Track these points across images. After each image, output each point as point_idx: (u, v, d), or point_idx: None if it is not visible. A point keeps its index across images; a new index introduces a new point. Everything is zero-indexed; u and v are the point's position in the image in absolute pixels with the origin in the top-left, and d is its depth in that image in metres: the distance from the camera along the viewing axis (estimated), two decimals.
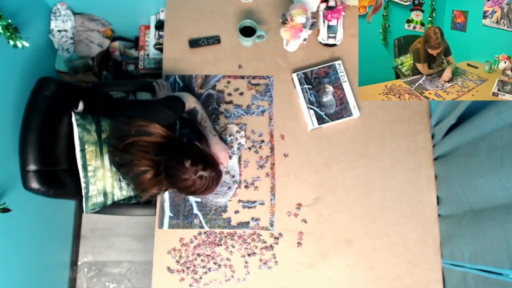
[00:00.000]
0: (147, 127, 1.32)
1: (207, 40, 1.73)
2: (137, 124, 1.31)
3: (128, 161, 1.33)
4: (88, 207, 1.48)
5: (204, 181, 1.27)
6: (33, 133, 1.40)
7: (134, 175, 1.34)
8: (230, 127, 1.65)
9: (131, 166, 1.32)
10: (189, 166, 1.24)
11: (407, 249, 1.55)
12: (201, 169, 1.25)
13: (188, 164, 1.24)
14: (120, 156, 1.36)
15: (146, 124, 1.32)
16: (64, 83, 1.55)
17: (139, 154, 1.30)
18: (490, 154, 1.18)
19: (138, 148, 1.30)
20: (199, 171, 1.25)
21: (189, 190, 1.30)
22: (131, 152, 1.31)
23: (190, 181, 1.26)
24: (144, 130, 1.31)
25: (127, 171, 1.35)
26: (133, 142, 1.30)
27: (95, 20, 2.17)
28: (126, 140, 1.31)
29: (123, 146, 1.32)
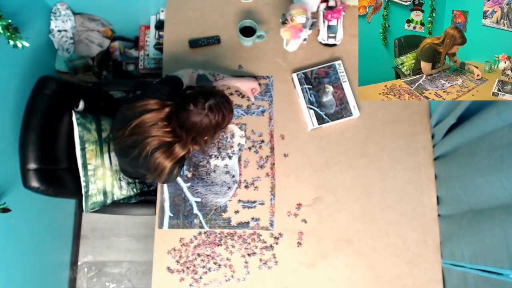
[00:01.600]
0: (149, 105, 1.32)
1: (207, 40, 1.73)
2: (138, 105, 1.32)
3: (140, 141, 1.32)
4: (88, 206, 1.49)
5: (216, 110, 1.25)
6: (33, 132, 1.40)
7: (147, 153, 1.32)
8: (230, 127, 1.65)
9: (143, 146, 1.31)
10: (193, 107, 1.24)
11: (407, 249, 1.55)
12: (204, 101, 1.24)
13: (191, 107, 1.24)
14: (129, 141, 1.34)
15: (147, 102, 1.32)
16: (64, 81, 1.55)
17: (149, 130, 1.30)
18: (490, 154, 1.18)
19: (146, 126, 1.30)
20: (204, 104, 1.24)
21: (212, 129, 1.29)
22: (139, 132, 1.31)
23: (206, 119, 1.25)
24: (146, 109, 1.31)
25: (139, 153, 1.33)
26: (139, 122, 1.30)
27: (95, 20, 2.17)
28: (130, 124, 1.31)
29: (129, 131, 1.32)
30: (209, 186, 1.60)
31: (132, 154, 1.35)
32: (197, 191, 1.59)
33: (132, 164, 1.43)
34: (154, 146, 1.31)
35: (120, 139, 1.37)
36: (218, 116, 1.27)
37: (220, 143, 1.63)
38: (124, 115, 1.37)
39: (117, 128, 1.40)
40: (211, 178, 1.60)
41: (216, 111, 1.26)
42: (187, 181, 1.60)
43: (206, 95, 1.27)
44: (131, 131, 1.32)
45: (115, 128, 1.43)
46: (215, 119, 1.27)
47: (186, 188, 1.60)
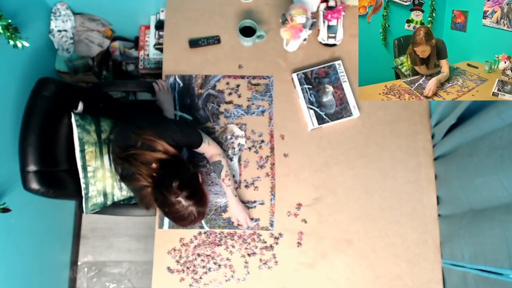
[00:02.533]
0: (154, 142, 1.29)
1: (207, 40, 1.73)
2: (145, 137, 1.29)
3: (130, 174, 1.32)
4: (88, 208, 1.49)
5: (181, 208, 1.22)
6: (33, 134, 1.40)
7: (135, 189, 1.35)
8: (230, 127, 1.65)
9: (132, 180, 1.32)
10: (175, 187, 1.21)
11: (407, 249, 1.55)
12: (184, 196, 1.22)
13: (175, 185, 1.21)
14: (122, 166, 1.35)
15: (154, 139, 1.29)
16: (63, 83, 1.55)
17: (140, 167, 1.29)
18: (490, 154, 1.18)
19: (141, 161, 1.29)
20: (180, 196, 1.21)
21: (164, 209, 1.26)
22: (132, 163, 1.30)
23: (168, 201, 1.22)
24: (150, 145, 1.29)
25: (128, 183, 1.36)
26: (137, 154, 1.29)
27: (95, 20, 2.17)
28: (129, 151, 1.30)
29: (125, 156, 1.31)
30: (209, 186, 1.60)
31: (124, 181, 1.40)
32: None
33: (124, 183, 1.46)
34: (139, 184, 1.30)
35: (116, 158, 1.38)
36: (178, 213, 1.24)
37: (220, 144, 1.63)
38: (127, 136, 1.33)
39: (115, 141, 1.40)
40: (211, 178, 1.60)
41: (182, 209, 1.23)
42: None
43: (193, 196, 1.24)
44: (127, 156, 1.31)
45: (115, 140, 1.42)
46: (174, 210, 1.24)
47: None
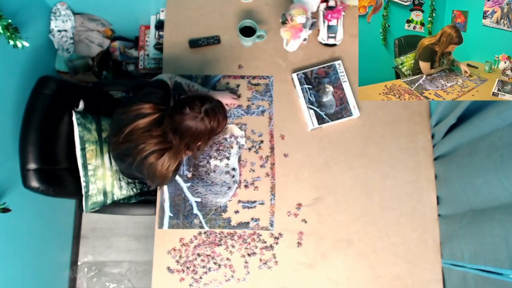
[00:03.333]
0: (143, 109, 1.32)
1: (207, 40, 1.73)
2: (133, 109, 1.32)
3: (132, 148, 1.32)
4: (88, 206, 1.49)
5: (211, 114, 1.25)
6: (33, 132, 1.40)
7: (141, 160, 1.32)
8: (230, 127, 1.65)
9: (136, 153, 1.31)
10: (189, 111, 1.23)
11: (407, 249, 1.55)
12: (200, 105, 1.24)
13: (187, 110, 1.23)
14: (124, 146, 1.35)
15: (141, 106, 1.32)
16: (64, 81, 1.55)
17: (142, 136, 1.30)
18: (490, 154, 1.18)
19: (139, 132, 1.30)
20: (201, 107, 1.24)
21: (207, 135, 1.28)
22: (132, 140, 1.31)
23: (201, 124, 1.24)
24: (140, 113, 1.31)
25: (133, 159, 1.33)
26: (132, 129, 1.30)
27: (95, 20, 2.17)
28: (124, 131, 1.31)
29: (123, 138, 1.32)
30: (209, 186, 1.60)
31: (127, 161, 1.37)
32: (197, 191, 1.59)
33: (128, 169, 1.43)
34: (146, 152, 1.30)
35: (115, 146, 1.38)
36: (214, 121, 1.27)
37: (220, 144, 1.63)
38: (118, 119, 1.37)
39: (112, 134, 1.41)
40: (211, 178, 1.60)
41: (212, 115, 1.26)
42: (187, 181, 1.60)
43: (202, 99, 1.27)
44: (125, 138, 1.32)
45: (111, 133, 1.44)
46: (210, 124, 1.26)
47: (186, 188, 1.60)
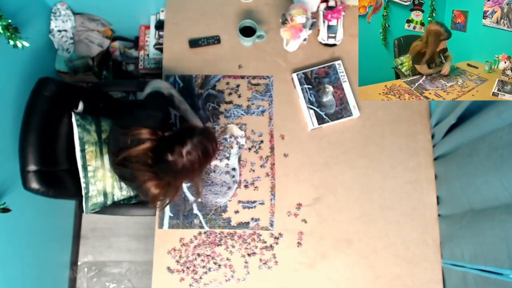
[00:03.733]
0: (140, 134, 1.31)
1: (207, 40, 1.73)
2: (132, 133, 1.31)
3: (129, 174, 1.34)
4: (88, 207, 1.48)
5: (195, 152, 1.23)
6: (33, 133, 1.40)
7: (137, 186, 1.35)
8: (230, 127, 1.65)
9: (133, 179, 1.33)
10: (171, 157, 1.22)
11: (407, 249, 1.55)
12: (180, 147, 1.22)
13: (169, 157, 1.22)
14: (121, 170, 1.37)
15: (139, 131, 1.31)
16: (64, 83, 1.55)
17: (136, 166, 1.30)
18: (490, 154, 1.18)
19: (134, 160, 1.31)
20: (182, 149, 1.22)
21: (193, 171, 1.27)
22: (129, 166, 1.32)
23: (187, 164, 1.23)
24: (138, 138, 1.31)
25: (131, 183, 1.38)
26: (128, 155, 1.30)
27: (95, 20, 2.17)
28: (121, 154, 1.32)
29: (119, 161, 1.33)
30: (209, 186, 1.60)
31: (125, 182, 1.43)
32: None
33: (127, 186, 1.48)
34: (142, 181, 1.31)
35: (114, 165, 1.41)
36: (200, 155, 1.25)
37: (220, 144, 1.63)
38: (117, 139, 1.37)
39: (111, 151, 1.42)
40: (211, 178, 1.60)
41: (196, 152, 1.23)
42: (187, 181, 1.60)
43: (181, 139, 1.24)
44: (121, 162, 1.33)
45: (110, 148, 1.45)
46: (197, 159, 1.25)
47: (186, 188, 1.60)
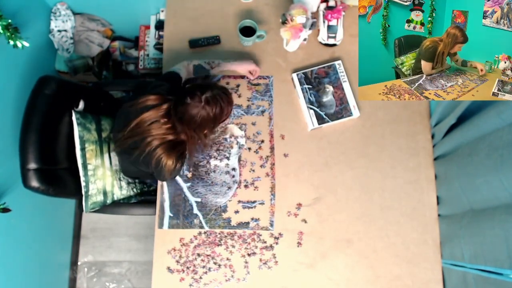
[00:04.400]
0: (149, 101, 1.33)
1: (207, 40, 1.73)
2: (140, 101, 1.33)
3: (140, 141, 1.33)
4: (88, 206, 1.49)
5: (213, 102, 1.27)
6: (33, 132, 1.40)
7: (149, 153, 1.33)
8: (230, 127, 1.65)
9: (144, 145, 1.32)
10: (190, 100, 1.26)
11: (407, 249, 1.55)
12: (200, 94, 1.26)
13: (188, 100, 1.26)
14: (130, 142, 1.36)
15: (147, 98, 1.33)
16: (64, 81, 1.55)
17: (149, 129, 1.31)
18: (490, 154, 1.18)
19: (146, 124, 1.31)
20: (201, 96, 1.26)
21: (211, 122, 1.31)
22: (140, 132, 1.32)
23: (204, 112, 1.27)
24: (147, 105, 1.32)
25: (141, 152, 1.34)
26: (139, 122, 1.31)
27: (95, 20, 2.17)
28: (130, 124, 1.32)
29: (129, 131, 1.33)
30: (209, 186, 1.60)
31: (134, 154, 1.37)
32: (197, 191, 1.59)
33: (134, 163, 1.43)
34: (155, 145, 1.32)
35: (121, 141, 1.38)
36: (216, 108, 1.29)
37: (220, 144, 1.63)
38: (125, 113, 1.37)
39: (118, 129, 1.40)
40: (211, 178, 1.60)
41: (213, 103, 1.28)
42: (187, 181, 1.60)
43: (203, 88, 1.29)
44: (131, 131, 1.32)
45: (116, 128, 1.43)
46: (212, 111, 1.28)
47: (186, 188, 1.60)
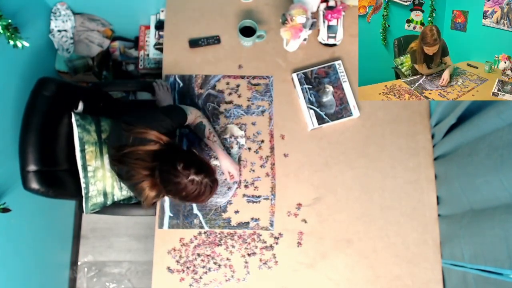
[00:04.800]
0: (145, 134, 1.30)
1: (207, 40, 1.73)
2: (136, 131, 1.30)
3: (126, 172, 1.34)
4: (88, 207, 1.49)
5: (195, 186, 1.23)
6: (33, 134, 1.40)
7: (132, 185, 1.35)
8: (230, 127, 1.65)
9: (129, 177, 1.33)
10: (181, 169, 1.22)
11: (407, 249, 1.55)
12: (193, 173, 1.22)
13: (180, 167, 1.22)
14: (118, 167, 1.37)
15: (145, 131, 1.30)
16: (63, 83, 1.55)
17: (136, 163, 1.30)
18: (490, 154, 1.18)
19: (135, 157, 1.30)
20: (191, 175, 1.22)
21: (180, 194, 1.25)
22: (128, 163, 1.31)
23: (182, 185, 1.22)
24: (142, 137, 1.30)
25: (126, 181, 1.38)
26: (130, 152, 1.30)
27: (95, 20, 2.17)
28: (123, 150, 1.31)
29: (119, 157, 1.32)
30: None
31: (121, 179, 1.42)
32: None
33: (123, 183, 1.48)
34: (136, 180, 1.31)
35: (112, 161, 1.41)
36: (194, 191, 1.24)
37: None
38: (120, 135, 1.35)
39: (112, 145, 1.41)
40: None
41: (196, 186, 1.23)
42: None
43: (200, 168, 1.24)
44: (122, 157, 1.32)
45: (111, 143, 1.43)
46: (190, 190, 1.23)
47: None
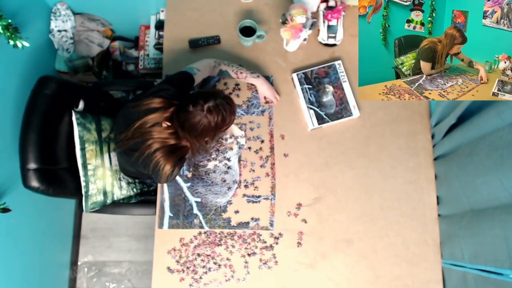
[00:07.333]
0: (153, 103, 1.33)
1: (207, 40, 1.73)
2: (144, 103, 1.33)
3: (140, 143, 1.33)
4: (88, 206, 1.49)
5: (215, 112, 1.27)
6: (33, 132, 1.40)
7: (148, 156, 1.33)
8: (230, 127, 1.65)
9: (144, 148, 1.32)
10: (193, 108, 1.26)
11: (407, 249, 1.55)
12: (203, 103, 1.26)
13: (191, 108, 1.26)
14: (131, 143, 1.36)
15: (152, 101, 1.33)
16: (64, 81, 1.55)
17: (151, 131, 1.31)
18: (490, 154, 1.18)
19: (148, 127, 1.31)
20: (204, 105, 1.26)
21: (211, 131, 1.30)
22: (141, 134, 1.32)
23: (205, 120, 1.27)
24: (151, 107, 1.32)
25: (140, 154, 1.35)
26: (141, 124, 1.31)
27: (95, 20, 2.17)
28: (134, 125, 1.32)
29: (131, 132, 1.33)
30: (209, 186, 1.60)
31: (134, 155, 1.37)
32: (197, 191, 1.59)
33: (133, 165, 1.43)
34: (154, 148, 1.32)
35: (123, 142, 1.38)
36: (217, 117, 1.29)
37: (220, 144, 1.63)
38: (128, 113, 1.37)
39: (119, 129, 1.40)
40: (211, 178, 1.60)
41: (215, 112, 1.28)
42: (187, 181, 1.60)
43: (206, 96, 1.29)
44: (133, 132, 1.33)
45: (118, 129, 1.43)
46: (214, 120, 1.28)
47: (186, 188, 1.60)
